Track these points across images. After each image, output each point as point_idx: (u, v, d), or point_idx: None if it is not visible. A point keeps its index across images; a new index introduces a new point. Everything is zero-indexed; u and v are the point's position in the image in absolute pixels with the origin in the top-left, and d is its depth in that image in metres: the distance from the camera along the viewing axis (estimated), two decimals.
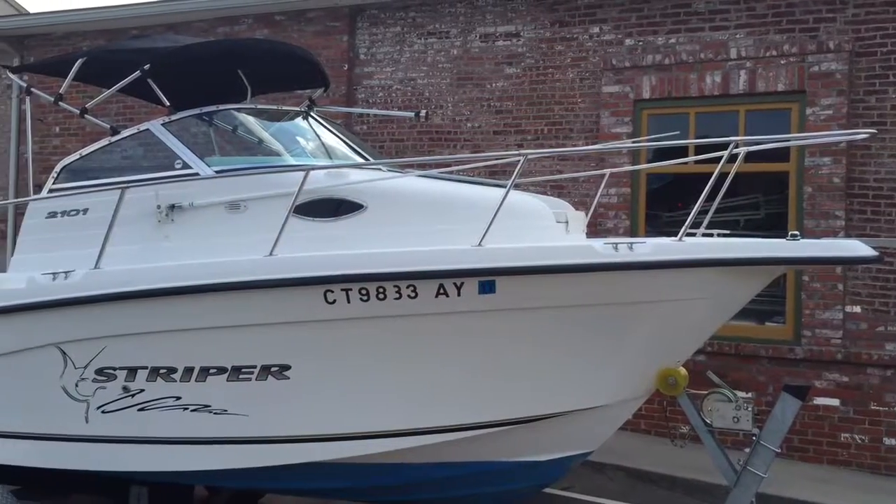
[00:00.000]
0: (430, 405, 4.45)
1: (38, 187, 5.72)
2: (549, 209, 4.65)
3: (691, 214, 4.07)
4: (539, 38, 9.13)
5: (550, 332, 4.34)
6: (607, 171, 5.82)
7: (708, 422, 4.77)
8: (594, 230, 7.42)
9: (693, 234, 4.28)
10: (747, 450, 4.67)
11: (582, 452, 4.86)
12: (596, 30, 8.87)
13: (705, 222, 4.24)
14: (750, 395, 4.91)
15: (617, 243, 4.09)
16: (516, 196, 4.51)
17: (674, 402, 4.79)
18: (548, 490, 5.56)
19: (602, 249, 4.08)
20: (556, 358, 4.42)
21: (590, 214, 6.03)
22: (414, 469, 4.62)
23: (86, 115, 5.33)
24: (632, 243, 4.08)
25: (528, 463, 4.70)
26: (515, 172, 4.20)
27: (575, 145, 8.73)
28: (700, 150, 5.99)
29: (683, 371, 4.68)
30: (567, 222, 4.75)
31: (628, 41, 8.70)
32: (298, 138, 5.54)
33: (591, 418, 4.63)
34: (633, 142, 7.47)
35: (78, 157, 5.31)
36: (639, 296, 4.22)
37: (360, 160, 5.39)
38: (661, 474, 7.16)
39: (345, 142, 5.63)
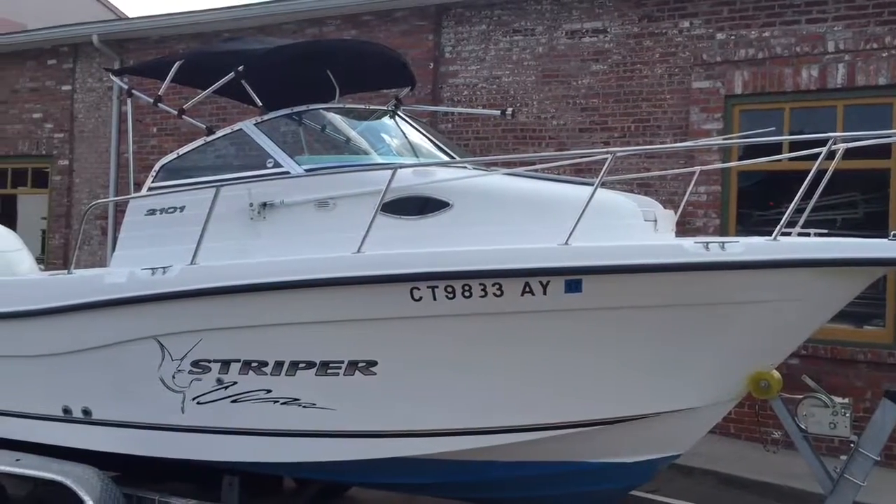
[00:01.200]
0: (516, 403, 4.44)
1: (138, 186, 5.95)
2: (637, 207, 4.58)
3: (787, 213, 3.94)
4: (627, 33, 9.00)
5: (638, 333, 4.27)
6: (697, 168, 5.71)
7: (803, 427, 4.61)
8: (682, 229, 7.26)
9: (788, 234, 4.14)
10: (843, 457, 4.51)
11: (670, 455, 4.77)
12: (686, 24, 8.68)
13: (801, 221, 4.10)
14: (847, 400, 4.72)
15: (708, 242, 4.00)
16: (604, 194, 4.46)
17: (766, 406, 4.65)
18: (634, 493, 5.48)
19: (692, 248, 3.99)
20: (643, 359, 4.35)
21: (679, 213, 5.91)
22: (499, 467, 4.62)
23: (183, 116, 5.49)
24: (724, 242, 3.98)
25: (614, 464, 4.64)
26: (603, 170, 4.15)
27: (663, 142, 8.57)
28: (795, 146, 5.80)
29: (777, 374, 4.54)
30: (655, 221, 4.67)
31: (720, 35, 8.49)
32: (385, 137, 5.60)
33: (679, 420, 4.53)
34: (725, 138, 7.30)
35: (175, 156, 5.48)
36: (731, 296, 4.11)
37: (447, 158, 5.41)
38: (751, 480, 6.97)
39: (431, 140, 5.67)
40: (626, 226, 4.46)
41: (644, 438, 4.56)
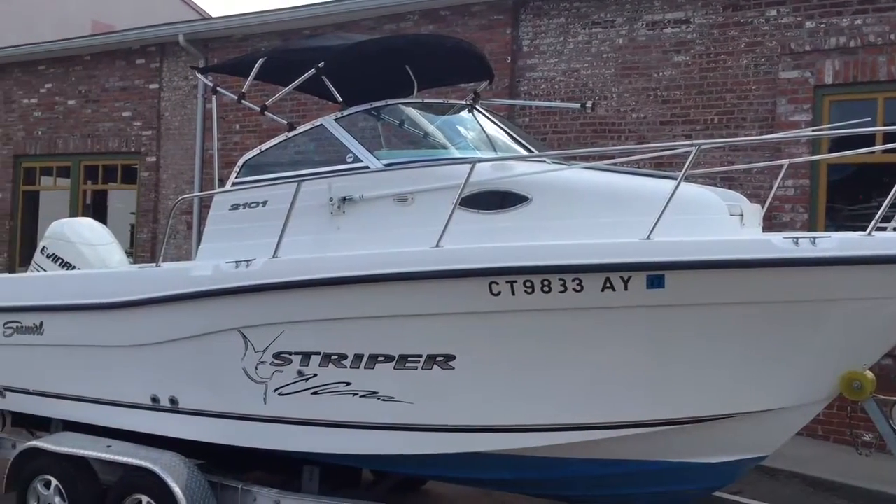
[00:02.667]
0: (595, 401, 4.38)
1: (222, 181, 6.08)
2: (722, 201, 4.45)
3: (883, 207, 3.77)
4: (710, 23, 8.78)
5: (723, 330, 4.15)
6: (786, 161, 5.51)
7: None
8: (769, 224, 7.05)
9: (883, 229, 3.97)
10: None
11: (755, 456, 4.63)
12: (773, 13, 8.42)
13: None
14: None
15: (798, 237, 3.85)
16: (687, 187, 4.34)
17: (857, 408, 4.47)
18: (717, 494, 5.35)
19: (781, 244, 3.86)
20: (727, 357, 4.23)
21: (765, 208, 5.73)
22: (578, 464, 4.56)
23: (265, 112, 5.59)
24: (814, 238, 3.83)
25: (697, 464, 4.53)
26: (688, 163, 4.04)
27: (748, 135, 8.34)
28: (889, 138, 5.56)
29: (870, 375, 4.36)
30: (742, 215, 4.53)
31: (809, 23, 8.21)
32: (464, 131, 5.59)
33: (765, 421, 4.40)
34: (815, 130, 7.04)
35: (257, 152, 5.58)
36: (822, 294, 3.96)
37: (525, 152, 5.37)
38: (839, 483, 6.73)
39: (509, 134, 5.63)
40: (711, 220, 4.33)
41: (728, 439, 4.44)
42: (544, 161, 4.97)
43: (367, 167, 5.03)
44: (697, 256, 3.92)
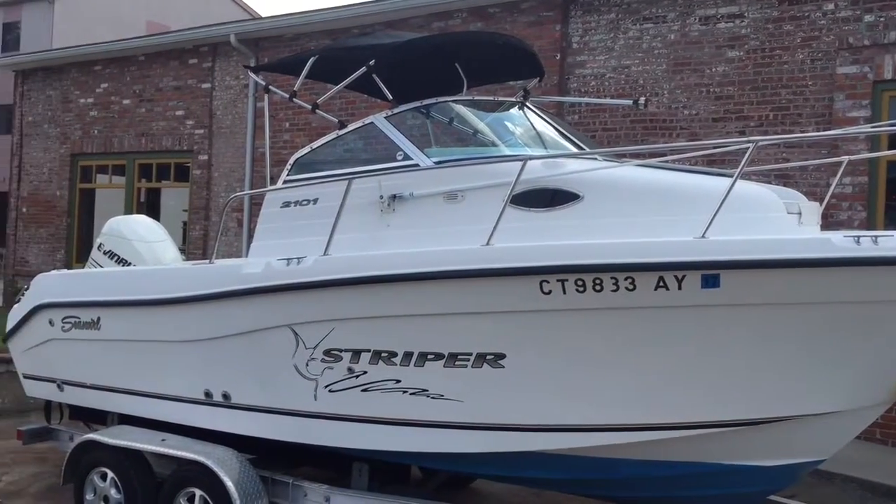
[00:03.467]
0: (648, 401, 4.32)
1: (273, 179, 6.14)
2: (779, 199, 4.34)
3: None
4: (765, 17, 8.61)
5: (779, 331, 4.06)
6: (846, 158, 5.36)
7: None
8: (825, 223, 6.88)
9: None
10: None
11: (812, 460, 4.52)
12: (830, 6, 8.23)
13: None
14: None
15: (859, 236, 3.74)
16: (743, 185, 4.25)
17: None
18: (772, 498, 5.25)
19: (841, 243, 3.75)
20: (784, 358, 4.13)
21: (823, 206, 5.59)
22: (630, 465, 4.50)
23: (317, 111, 5.62)
24: (877, 237, 3.72)
25: (752, 468, 4.44)
26: (744, 160, 3.96)
27: (804, 131, 8.16)
28: None
29: None
30: (800, 213, 4.42)
31: (868, 17, 8.00)
32: (514, 129, 5.55)
33: (823, 424, 4.29)
34: (873, 127, 6.86)
35: (309, 150, 5.62)
36: (884, 294, 3.84)
37: (576, 150, 5.32)
38: None
39: (560, 131, 5.59)
40: (768, 219, 4.23)
41: (784, 442, 4.34)
42: (596, 158, 4.92)
43: (417, 165, 5.03)
44: (754, 256, 3.84)
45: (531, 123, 5.59)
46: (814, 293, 3.91)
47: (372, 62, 5.29)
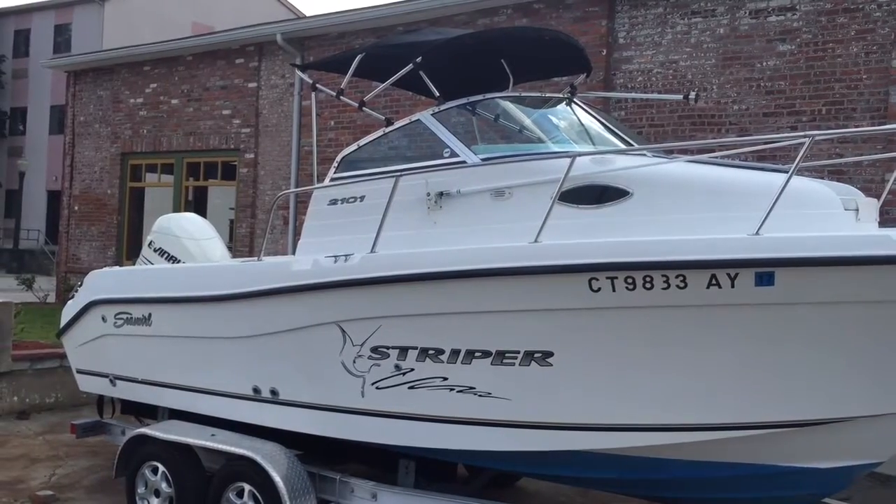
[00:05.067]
0: (699, 401, 4.24)
1: (320, 177, 6.17)
2: (835, 195, 4.24)
3: None
4: (818, 10, 8.42)
5: (835, 330, 3.96)
6: None
7: None
8: (882, 219, 6.71)
9: None
10: None
11: (868, 463, 4.40)
12: None
13: None
14: None
15: None
16: (797, 181, 4.15)
17: None
18: (826, 500, 5.13)
19: None
20: (839, 358, 4.03)
21: (880, 202, 5.45)
22: (680, 466, 4.43)
23: (363, 108, 5.63)
24: None
25: (805, 469, 4.34)
26: (800, 154, 3.87)
27: (858, 125, 7.97)
28: None
29: None
30: (857, 210, 4.31)
31: None
32: (561, 125, 5.50)
33: (879, 426, 4.17)
34: None
35: (355, 147, 5.63)
36: None
37: (625, 146, 5.25)
38: None
39: (608, 127, 5.52)
40: (824, 215, 4.13)
41: (840, 443, 4.24)
42: (645, 154, 4.84)
43: (464, 162, 5.01)
44: (810, 253, 3.75)
45: (578, 119, 5.53)
46: (871, 292, 3.80)
47: (419, 59, 5.28)
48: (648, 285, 4.06)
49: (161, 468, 5.66)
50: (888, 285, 3.75)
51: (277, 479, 4.97)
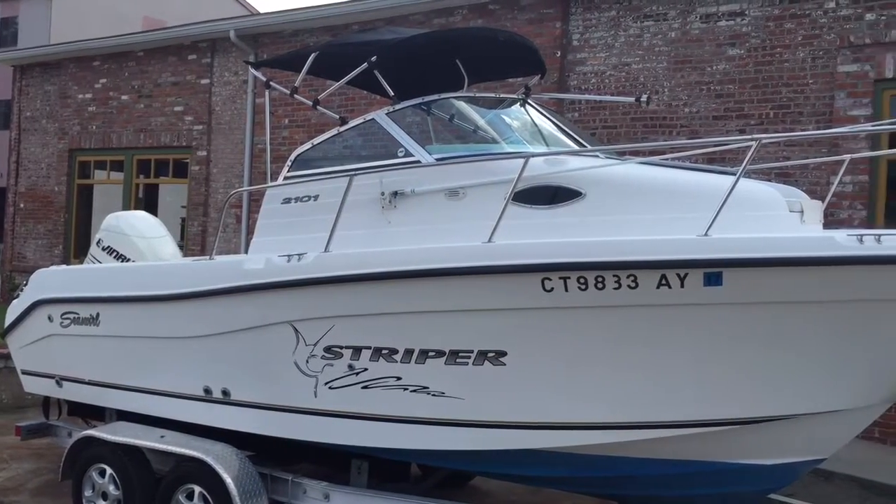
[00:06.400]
0: (647, 399, 4.31)
1: (273, 175, 6.12)
2: (781, 197, 4.34)
3: None
4: (766, 15, 8.60)
5: (781, 330, 4.05)
6: (847, 156, 5.36)
7: None
8: (825, 221, 6.89)
9: None
10: None
11: (812, 459, 4.51)
12: (831, 4, 8.23)
13: None
14: None
15: (862, 234, 3.73)
16: (745, 183, 4.24)
17: None
18: (771, 497, 5.24)
19: (845, 241, 3.74)
20: (785, 357, 4.13)
21: (825, 204, 5.58)
22: (629, 463, 4.49)
23: (318, 107, 5.60)
24: (880, 235, 3.71)
25: (751, 466, 4.44)
26: (747, 157, 3.95)
27: (804, 129, 8.15)
28: None
29: None
30: (802, 212, 4.41)
31: (869, 16, 7.99)
32: (515, 125, 5.54)
33: (823, 423, 4.28)
34: (875, 125, 6.85)
35: (310, 146, 5.60)
36: (887, 294, 3.83)
37: (577, 147, 5.30)
38: None
39: (561, 128, 5.57)
40: (770, 217, 4.22)
41: (785, 440, 4.34)
42: (597, 156, 4.90)
43: (418, 161, 5.01)
44: (757, 254, 3.83)
45: (532, 120, 5.57)
46: (816, 292, 3.90)
47: (373, 58, 5.27)
48: (600, 285, 4.11)
49: (109, 470, 5.57)
50: (831, 286, 3.85)
51: (228, 480, 4.92)
